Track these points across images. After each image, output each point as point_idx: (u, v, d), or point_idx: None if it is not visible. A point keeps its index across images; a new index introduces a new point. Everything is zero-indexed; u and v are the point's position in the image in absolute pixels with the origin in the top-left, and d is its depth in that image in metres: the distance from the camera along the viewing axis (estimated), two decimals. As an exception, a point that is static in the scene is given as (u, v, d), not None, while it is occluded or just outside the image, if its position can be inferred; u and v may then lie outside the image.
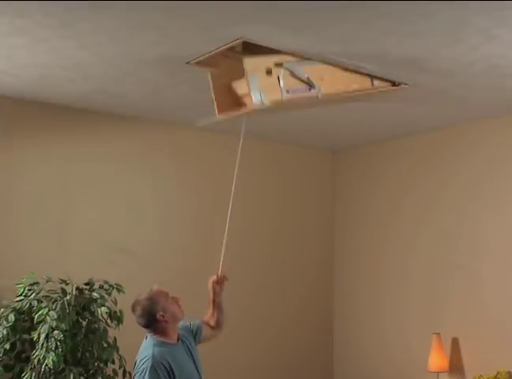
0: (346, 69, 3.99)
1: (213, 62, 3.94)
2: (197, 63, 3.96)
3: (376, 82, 4.18)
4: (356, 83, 4.11)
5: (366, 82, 4.14)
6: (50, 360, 4.04)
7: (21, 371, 4.17)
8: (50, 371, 4.08)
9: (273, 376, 5.88)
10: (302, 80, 3.90)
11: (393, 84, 4.35)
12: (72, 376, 4.14)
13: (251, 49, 3.95)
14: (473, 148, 5.34)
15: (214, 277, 3.84)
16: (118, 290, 4.44)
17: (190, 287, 4.79)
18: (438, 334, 5.17)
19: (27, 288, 4.34)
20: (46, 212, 4.89)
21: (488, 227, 5.17)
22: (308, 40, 3.63)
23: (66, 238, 4.93)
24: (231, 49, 3.85)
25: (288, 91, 3.91)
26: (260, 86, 3.77)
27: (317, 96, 3.95)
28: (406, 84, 4.30)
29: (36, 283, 4.37)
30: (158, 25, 3.46)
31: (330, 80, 4.01)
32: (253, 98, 3.80)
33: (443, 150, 5.55)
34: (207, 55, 3.84)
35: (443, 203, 5.49)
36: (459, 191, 5.39)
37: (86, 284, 4.47)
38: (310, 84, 3.95)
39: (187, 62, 3.96)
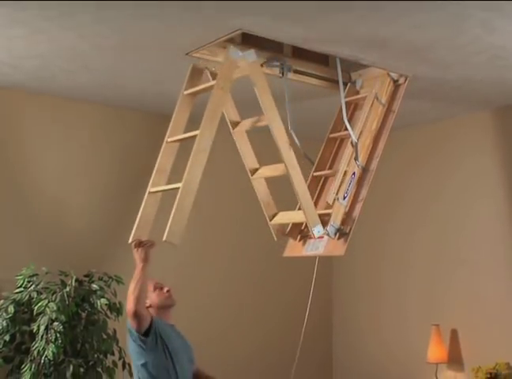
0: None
1: (212, 53, 3.94)
2: (196, 55, 3.96)
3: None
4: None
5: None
6: (49, 351, 4.05)
7: (21, 362, 4.18)
8: (49, 362, 4.09)
9: (272, 365, 5.89)
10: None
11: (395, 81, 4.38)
12: (71, 367, 4.15)
13: (250, 40, 3.95)
14: (474, 140, 5.33)
15: None
16: (118, 282, 4.44)
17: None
18: (438, 325, 5.18)
19: (26, 280, 4.35)
20: (44, 200, 4.89)
21: (488, 220, 5.17)
22: (307, 32, 3.62)
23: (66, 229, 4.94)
24: (231, 40, 3.85)
25: (344, 198, 4.03)
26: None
27: (359, 166, 4.14)
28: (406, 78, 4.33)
29: (36, 275, 4.37)
30: (157, 16, 3.45)
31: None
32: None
33: (443, 142, 5.54)
34: (206, 46, 3.83)
35: (443, 195, 5.49)
36: (459, 183, 5.39)
37: (85, 276, 4.47)
38: (354, 173, 4.10)
39: (187, 53, 3.95)
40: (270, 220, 4.20)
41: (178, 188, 3.47)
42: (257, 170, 4.15)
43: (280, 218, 4.18)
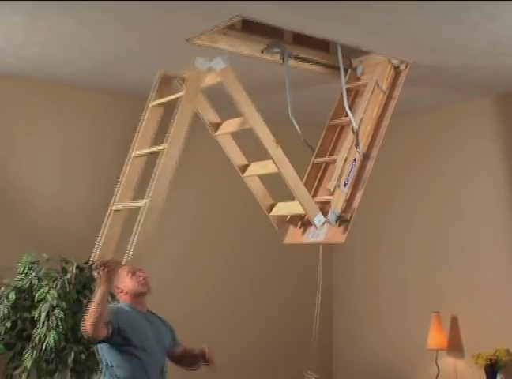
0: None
1: (213, 40, 3.93)
2: (197, 41, 3.95)
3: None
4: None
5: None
6: (51, 338, 4.06)
7: (22, 349, 4.20)
8: (51, 349, 4.11)
9: (272, 354, 5.91)
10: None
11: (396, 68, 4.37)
12: (73, 354, 4.17)
13: (250, 27, 3.94)
14: (474, 128, 5.32)
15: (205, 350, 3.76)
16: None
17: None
18: (438, 312, 5.19)
19: (27, 267, 4.35)
20: (46, 188, 4.90)
21: (488, 207, 5.17)
22: (308, 18, 3.61)
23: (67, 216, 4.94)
24: (231, 26, 3.84)
25: (345, 185, 4.02)
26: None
27: (360, 153, 4.13)
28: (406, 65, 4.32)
29: (37, 262, 4.38)
30: (157, 3, 3.44)
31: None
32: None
33: (444, 129, 5.53)
34: (206, 33, 3.82)
35: (443, 182, 5.49)
36: (459, 170, 5.38)
37: (86, 263, 4.47)
38: (354, 160, 4.08)
39: (186, 40, 3.94)
40: (269, 212, 4.18)
41: (142, 206, 3.28)
42: (246, 167, 4.10)
43: (279, 209, 4.17)
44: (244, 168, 4.10)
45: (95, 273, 3.27)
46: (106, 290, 3.24)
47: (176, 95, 3.60)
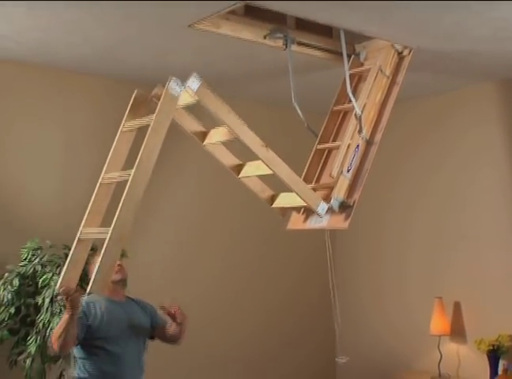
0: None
1: (215, 25, 3.91)
2: (199, 26, 3.93)
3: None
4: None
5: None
6: (54, 324, 4.07)
7: (26, 335, 4.23)
8: (55, 335, 4.13)
9: (276, 341, 5.93)
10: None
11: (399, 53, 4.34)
12: (76, 340, 4.19)
13: (253, 12, 3.92)
14: (477, 113, 5.31)
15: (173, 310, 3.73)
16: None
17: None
18: (440, 298, 5.20)
19: (31, 253, 4.36)
20: (49, 174, 4.91)
21: (490, 192, 5.17)
22: (311, 4, 3.58)
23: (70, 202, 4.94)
24: (233, 12, 3.82)
25: (348, 171, 4.00)
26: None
27: (364, 139, 4.11)
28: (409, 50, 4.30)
29: (40, 248, 4.39)
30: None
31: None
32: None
33: (446, 115, 5.51)
34: (209, 18, 3.80)
35: (446, 168, 5.48)
36: (462, 156, 5.37)
37: (90, 249, 4.48)
38: (357, 146, 4.07)
39: (189, 25, 3.92)
40: (270, 204, 4.15)
41: (106, 233, 3.13)
42: (241, 167, 4.03)
43: (280, 201, 4.14)
44: (238, 169, 4.03)
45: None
46: (72, 316, 3.27)
47: (146, 120, 3.42)
